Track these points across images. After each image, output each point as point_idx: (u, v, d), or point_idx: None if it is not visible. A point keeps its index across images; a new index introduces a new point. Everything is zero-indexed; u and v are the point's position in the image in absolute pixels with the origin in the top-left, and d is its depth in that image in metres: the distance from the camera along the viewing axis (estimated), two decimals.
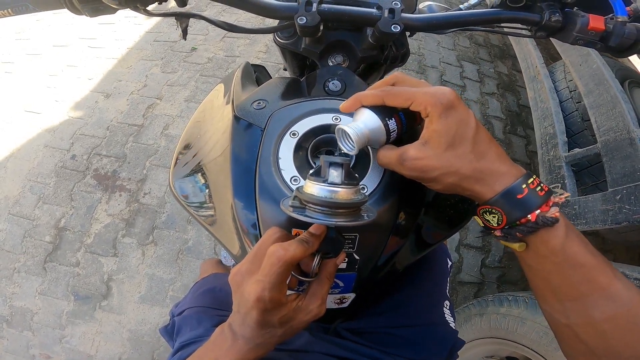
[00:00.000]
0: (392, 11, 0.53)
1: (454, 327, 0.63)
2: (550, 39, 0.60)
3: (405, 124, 0.38)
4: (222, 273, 0.92)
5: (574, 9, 0.57)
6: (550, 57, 2.22)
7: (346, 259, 0.43)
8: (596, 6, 0.59)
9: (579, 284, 0.34)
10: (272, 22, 0.60)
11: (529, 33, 0.60)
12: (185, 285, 1.59)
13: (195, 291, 0.78)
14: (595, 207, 1.15)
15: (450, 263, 0.75)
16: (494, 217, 0.35)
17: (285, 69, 0.86)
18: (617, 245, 1.82)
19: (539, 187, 0.34)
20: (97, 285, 1.59)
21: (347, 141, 0.39)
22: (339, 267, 0.40)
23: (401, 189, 0.45)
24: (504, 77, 2.71)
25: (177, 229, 1.72)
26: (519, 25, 0.60)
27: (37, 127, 2.07)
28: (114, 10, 0.48)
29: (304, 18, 0.51)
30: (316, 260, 0.37)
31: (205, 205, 0.53)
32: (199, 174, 0.54)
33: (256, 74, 0.73)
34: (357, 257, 0.44)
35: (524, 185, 0.34)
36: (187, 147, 0.59)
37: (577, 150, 1.37)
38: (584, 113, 1.50)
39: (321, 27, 0.53)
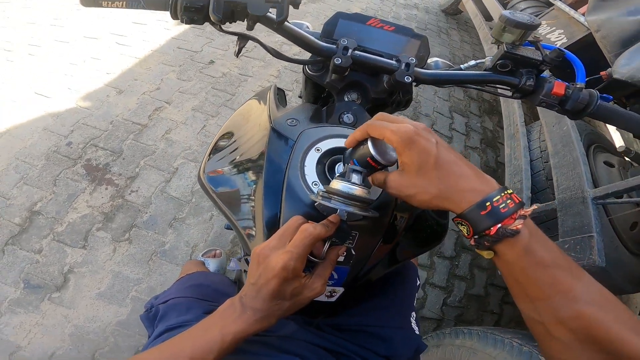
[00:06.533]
0: (407, 65, 0.64)
1: (418, 334, 0.71)
2: None
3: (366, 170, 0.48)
4: (210, 272, 0.91)
5: (550, 75, 0.68)
6: (533, 117, 2.40)
7: (344, 253, 0.52)
8: (567, 71, 0.69)
9: (543, 285, 0.38)
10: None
11: (509, 94, 0.72)
12: (151, 288, 1.53)
13: (181, 284, 0.81)
14: None
15: (419, 282, 0.83)
16: (464, 227, 0.41)
17: (300, 96, 0.98)
18: None
19: (504, 204, 0.39)
20: (54, 276, 1.50)
21: None
22: (339, 260, 0.49)
23: (394, 205, 0.56)
24: (488, 133, 2.89)
25: (156, 231, 1.68)
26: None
27: (41, 110, 2.07)
28: (203, 22, 0.60)
29: (340, 59, 0.63)
30: (327, 245, 0.47)
31: (232, 195, 0.61)
32: (232, 168, 0.63)
33: (277, 96, 0.85)
34: (353, 253, 0.54)
35: (487, 203, 0.39)
36: (220, 145, 0.68)
37: (538, 205, 1.46)
38: (548, 172, 1.64)
39: (349, 69, 0.65)
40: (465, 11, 4.04)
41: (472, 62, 0.75)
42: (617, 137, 2.38)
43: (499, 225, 0.38)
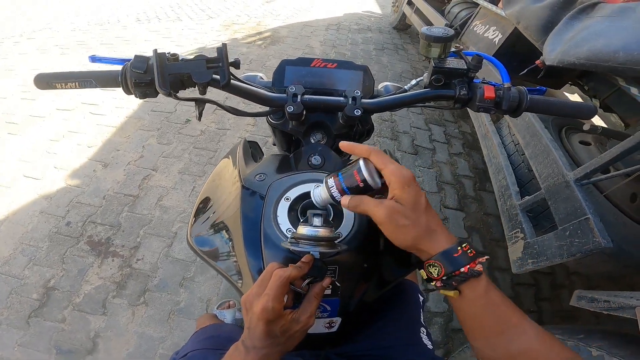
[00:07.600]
0: (354, 99, 0.69)
1: (431, 349, 0.73)
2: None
3: (347, 189, 0.50)
4: (221, 323, 0.97)
5: (482, 80, 0.70)
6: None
7: (330, 286, 0.55)
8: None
9: (498, 321, 0.44)
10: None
11: (451, 106, 0.74)
12: (176, 344, 1.57)
13: (197, 338, 0.85)
14: (552, 244, 1.25)
15: (422, 298, 0.86)
16: (435, 269, 0.47)
17: (274, 144, 1.02)
18: (599, 279, 1.94)
19: (469, 250, 0.46)
20: (83, 341, 1.55)
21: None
22: (326, 293, 0.53)
23: (367, 235, 0.58)
24: (468, 137, 2.96)
25: (169, 292, 1.74)
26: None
27: (34, 193, 2.13)
28: (156, 95, 0.60)
29: (292, 107, 0.67)
30: (306, 281, 0.51)
31: (219, 253, 0.65)
32: (214, 229, 0.67)
33: (251, 149, 0.88)
34: (338, 284, 0.56)
35: (458, 248, 0.46)
36: (202, 209, 0.72)
37: (527, 197, 1.49)
38: (528, 164, 1.62)
39: (304, 113, 0.69)
40: (412, 24, 4.25)
41: (413, 82, 0.77)
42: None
43: (468, 266, 0.44)
